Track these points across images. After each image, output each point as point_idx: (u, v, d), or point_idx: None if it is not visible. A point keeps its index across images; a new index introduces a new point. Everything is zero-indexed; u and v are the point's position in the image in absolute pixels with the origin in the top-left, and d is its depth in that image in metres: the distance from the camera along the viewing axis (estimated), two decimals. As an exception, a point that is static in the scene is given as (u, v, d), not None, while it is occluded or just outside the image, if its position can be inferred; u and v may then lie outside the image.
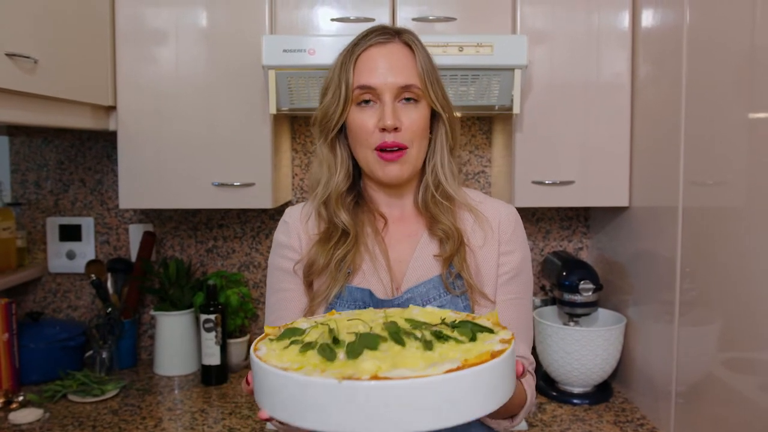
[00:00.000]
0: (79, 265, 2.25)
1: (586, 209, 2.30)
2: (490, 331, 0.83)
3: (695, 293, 1.53)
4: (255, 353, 0.79)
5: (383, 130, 1.08)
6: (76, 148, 2.26)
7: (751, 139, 1.31)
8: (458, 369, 0.69)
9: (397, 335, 0.79)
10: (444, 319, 0.87)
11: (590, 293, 1.91)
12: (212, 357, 2.04)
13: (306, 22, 1.88)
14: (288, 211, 1.23)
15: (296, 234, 1.18)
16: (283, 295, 1.17)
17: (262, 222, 2.29)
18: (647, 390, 1.80)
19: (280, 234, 1.21)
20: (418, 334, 0.80)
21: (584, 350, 1.85)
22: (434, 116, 1.15)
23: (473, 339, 0.80)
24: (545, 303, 2.18)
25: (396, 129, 1.08)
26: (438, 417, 0.68)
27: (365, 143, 1.10)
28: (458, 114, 1.19)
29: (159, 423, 1.76)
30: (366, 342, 0.77)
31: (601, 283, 1.95)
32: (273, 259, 1.21)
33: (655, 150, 1.77)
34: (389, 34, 1.12)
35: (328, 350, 0.76)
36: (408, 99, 1.09)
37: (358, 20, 1.86)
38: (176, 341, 2.12)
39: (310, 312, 1.13)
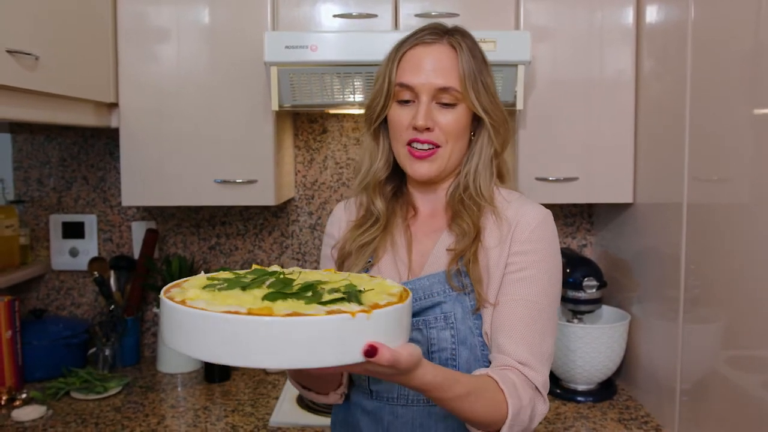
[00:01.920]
0: (82, 263, 2.25)
1: (590, 206, 2.29)
2: (358, 302, 0.83)
3: (700, 290, 1.52)
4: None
5: (416, 128, 1.10)
6: (78, 146, 2.26)
7: (756, 135, 1.30)
8: (235, 313, 0.75)
9: (276, 290, 0.84)
10: (372, 289, 0.89)
11: (594, 290, 1.90)
12: (215, 354, 2.04)
13: (308, 19, 1.87)
14: (338, 203, 1.31)
15: (338, 223, 1.26)
16: None
17: (264, 219, 2.28)
18: (651, 387, 1.79)
19: (327, 225, 1.29)
20: (308, 293, 0.84)
21: (588, 348, 1.85)
22: (478, 120, 1.14)
23: (330, 302, 0.82)
24: (549, 300, 2.17)
25: (428, 129, 1.10)
26: (207, 349, 0.77)
27: (399, 138, 1.14)
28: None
29: (162, 420, 1.76)
30: (245, 283, 0.86)
31: (605, 280, 1.94)
32: (322, 250, 1.29)
33: (659, 146, 1.76)
34: (438, 34, 1.13)
35: (216, 282, 0.89)
36: (446, 104, 1.10)
37: (360, 16, 1.85)
38: (179, 338, 2.12)
39: None
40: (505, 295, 1.08)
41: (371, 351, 0.78)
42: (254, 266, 0.98)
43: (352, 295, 0.83)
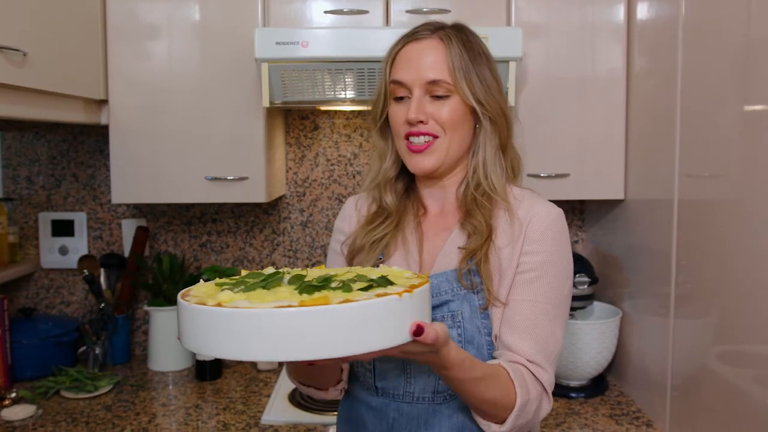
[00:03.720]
0: (71, 261, 2.23)
1: (582, 202, 2.29)
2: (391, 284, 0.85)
3: (690, 286, 1.53)
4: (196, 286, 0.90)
5: (409, 122, 1.12)
6: (68, 143, 2.24)
7: (747, 132, 1.30)
8: (287, 306, 0.74)
9: (306, 283, 0.84)
10: (383, 276, 0.90)
11: (585, 286, 1.91)
12: (206, 352, 2.03)
13: (299, 15, 1.87)
14: (348, 198, 1.32)
15: (348, 217, 1.27)
16: None
17: (256, 216, 2.28)
18: (643, 383, 1.80)
19: (337, 219, 1.30)
20: (334, 284, 0.85)
21: (580, 343, 1.85)
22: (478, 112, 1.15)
23: (368, 289, 0.83)
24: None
25: (422, 122, 1.11)
26: (262, 348, 0.75)
27: (398, 135, 1.15)
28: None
29: (153, 419, 1.75)
30: (265, 282, 0.85)
31: (597, 277, 1.95)
32: (330, 242, 1.30)
33: (650, 143, 1.76)
34: (430, 30, 1.15)
35: (234, 285, 0.85)
36: (439, 96, 1.11)
37: (351, 12, 1.84)
38: (170, 336, 2.11)
39: None
40: (515, 295, 1.09)
41: (419, 330, 0.82)
42: (243, 271, 0.95)
43: (382, 281, 0.85)
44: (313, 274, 0.92)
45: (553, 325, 1.09)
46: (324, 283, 0.84)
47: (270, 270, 0.94)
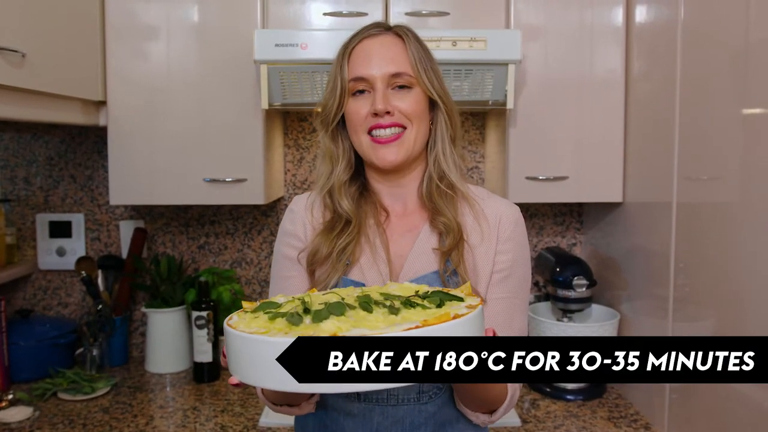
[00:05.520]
0: (69, 262, 2.23)
1: (580, 205, 2.29)
2: (460, 299, 0.84)
3: (689, 289, 1.53)
4: (227, 322, 0.80)
5: (376, 115, 1.10)
6: (66, 144, 2.24)
7: (745, 135, 1.30)
8: (416, 328, 0.70)
9: (366, 304, 0.81)
10: (418, 291, 0.89)
11: (584, 289, 1.91)
12: (204, 354, 2.03)
13: (298, 17, 1.87)
14: (295, 199, 1.25)
15: (302, 222, 1.19)
16: (286, 283, 1.17)
17: (254, 218, 2.27)
18: (641, 386, 1.80)
19: (287, 222, 1.22)
20: (388, 303, 0.81)
21: (578, 346, 1.85)
22: (433, 106, 1.15)
23: (441, 305, 0.82)
24: (539, 299, 2.18)
25: (388, 113, 1.10)
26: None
27: (359, 129, 1.12)
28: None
29: (150, 421, 1.75)
30: (333, 309, 0.78)
31: (595, 279, 1.95)
32: (278, 246, 1.22)
33: (649, 145, 1.76)
34: (382, 27, 1.15)
35: (294, 316, 0.77)
36: (401, 86, 1.11)
37: (350, 14, 1.84)
38: (168, 338, 2.11)
39: None
40: (492, 294, 1.12)
41: (494, 333, 0.85)
42: (247, 304, 0.88)
43: (447, 296, 0.84)
44: (344, 293, 0.88)
45: (524, 316, 1.15)
46: (410, 304, 0.81)
47: (281, 299, 0.89)
